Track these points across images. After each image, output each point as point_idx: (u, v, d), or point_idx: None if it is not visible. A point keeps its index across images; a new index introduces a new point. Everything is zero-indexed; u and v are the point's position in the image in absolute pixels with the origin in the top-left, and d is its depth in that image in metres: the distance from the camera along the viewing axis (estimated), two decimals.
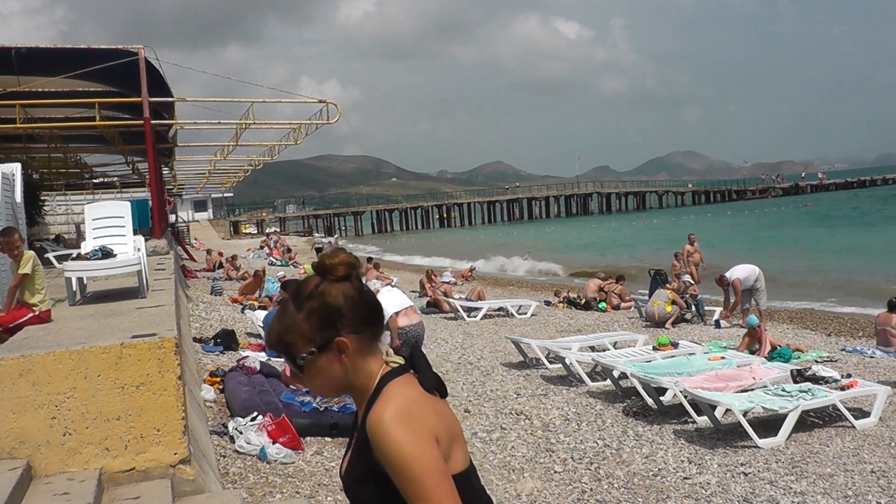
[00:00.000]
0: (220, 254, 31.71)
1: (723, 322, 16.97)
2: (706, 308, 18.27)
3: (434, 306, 20.45)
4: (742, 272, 16.85)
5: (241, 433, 7.62)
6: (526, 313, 19.47)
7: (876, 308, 16.37)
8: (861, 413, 9.40)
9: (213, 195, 79.00)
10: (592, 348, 13.54)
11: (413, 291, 24.38)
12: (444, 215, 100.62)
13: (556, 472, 7.69)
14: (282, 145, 27.18)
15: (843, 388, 9.43)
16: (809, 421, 9.20)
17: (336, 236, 74.08)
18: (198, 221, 74.12)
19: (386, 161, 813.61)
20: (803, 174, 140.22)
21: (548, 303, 21.57)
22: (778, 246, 40.03)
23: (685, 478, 7.44)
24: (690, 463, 7.86)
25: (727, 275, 17.03)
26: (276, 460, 7.25)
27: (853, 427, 8.95)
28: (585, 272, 31.45)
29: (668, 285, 18.15)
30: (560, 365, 12.39)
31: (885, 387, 9.70)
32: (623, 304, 20.49)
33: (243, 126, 21.22)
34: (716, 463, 7.83)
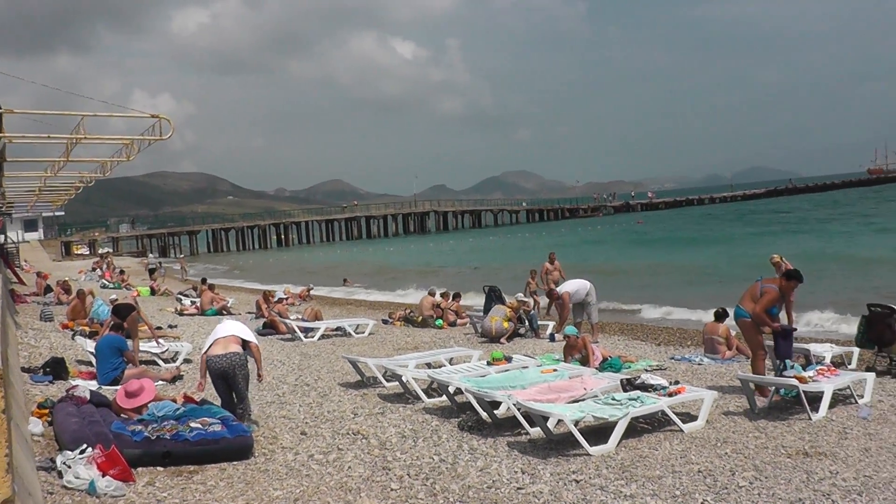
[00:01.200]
0: (45, 277, 30.25)
1: (557, 335, 17.28)
2: (539, 322, 18.60)
3: (271, 327, 20.03)
4: (572, 286, 17.19)
5: (69, 467, 7.20)
6: (363, 332, 19.34)
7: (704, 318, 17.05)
8: (689, 417, 9.71)
9: (43, 214, 75.53)
10: (429, 365, 13.51)
11: (249, 313, 23.91)
12: (282, 234, 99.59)
13: (392, 489, 7.56)
14: (114, 161, 26.29)
15: (671, 395, 9.71)
16: (639, 427, 9.41)
17: (182, 256, 72.08)
18: (28, 242, 70.59)
19: (222, 178, 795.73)
20: (634, 193, 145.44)
21: (385, 321, 21.51)
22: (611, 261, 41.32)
23: (519, 488, 7.44)
24: (524, 473, 7.87)
25: (558, 289, 17.38)
26: (105, 494, 6.89)
27: (681, 431, 9.24)
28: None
29: (508, 302, 18.40)
30: (397, 383, 12.29)
31: (712, 392, 10.09)
32: (459, 321, 20.64)
33: (74, 141, 20.39)
34: (548, 472, 7.86)
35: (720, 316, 14.95)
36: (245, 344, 9.99)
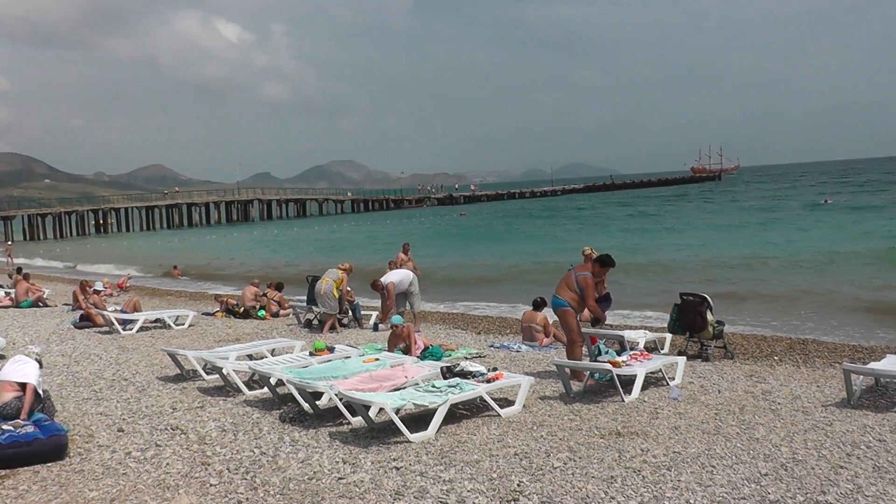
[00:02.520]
0: None
1: (381, 325, 17.33)
2: (363, 312, 18.60)
3: (88, 320, 19.19)
4: (396, 276, 17.31)
5: None
6: (184, 324, 18.81)
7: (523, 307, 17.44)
8: (507, 402, 9.94)
9: None
10: (250, 356, 13.27)
11: (66, 304, 22.91)
12: (101, 221, 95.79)
13: (212, 485, 7.37)
14: None
15: (489, 381, 9.89)
16: (459, 413, 9.56)
17: (9, 243, 67.78)
18: None
19: (38, 160, 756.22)
20: (457, 185, 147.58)
21: (207, 313, 20.99)
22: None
23: (340, 478, 7.39)
24: (345, 463, 7.83)
25: (382, 279, 17.40)
26: None
27: (499, 416, 9.44)
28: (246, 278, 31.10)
29: (340, 265, 18.24)
30: (217, 375, 12.02)
31: (529, 377, 10.34)
32: (282, 312, 20.40)
33: None
34: (369, 461, 7.86)
35: (538, 305, 15.35)
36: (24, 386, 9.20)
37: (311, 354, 12.52)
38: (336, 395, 9.31)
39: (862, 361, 12.45)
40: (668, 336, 14.24)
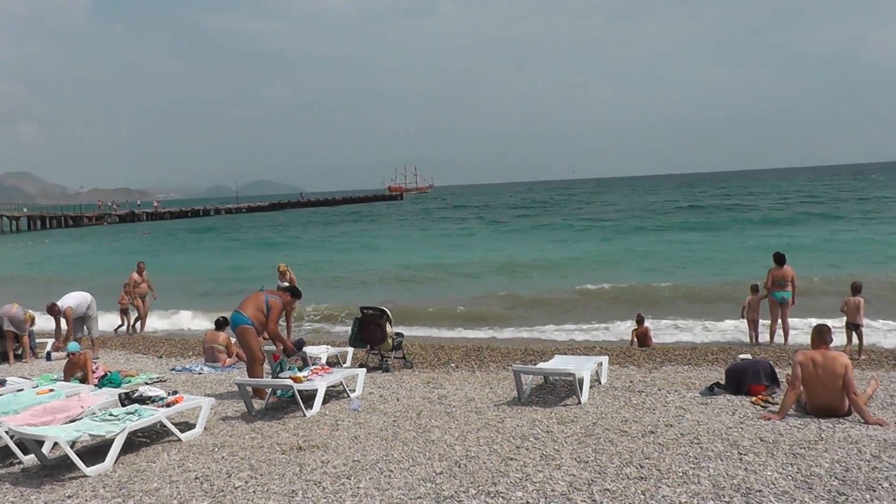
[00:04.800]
0: None
1: (54, 354, 16.47)
2: (38, 340, 17.57)
3: None
4: (74, 300, 16.52)
5: None
6: None
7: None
8: (188, 426, 9.86)
9: None
10: None
11: None
12: None
13: None
14: None
15: (168, 405, 9.76)
16: (138, 441, 9.36)
17: None
18: None
19: None
20: (139, 202, 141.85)
21: None
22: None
23: None
24: None
25: (59, 303, 16.52)
26: None
27: (179, 440, 9.34)
28: None
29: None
30: None
31: (210, 398, 10.31)
32: None
33: None
34: (42, 501, 7.51)
35: (220, 325, 15.28)
36: None
37: None
38: (6, 431, 8.82)
39: (532, 362, 13.50)
40: (350, 350, 14.71)
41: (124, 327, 21.16)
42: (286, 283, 16.90)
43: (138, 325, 21.27)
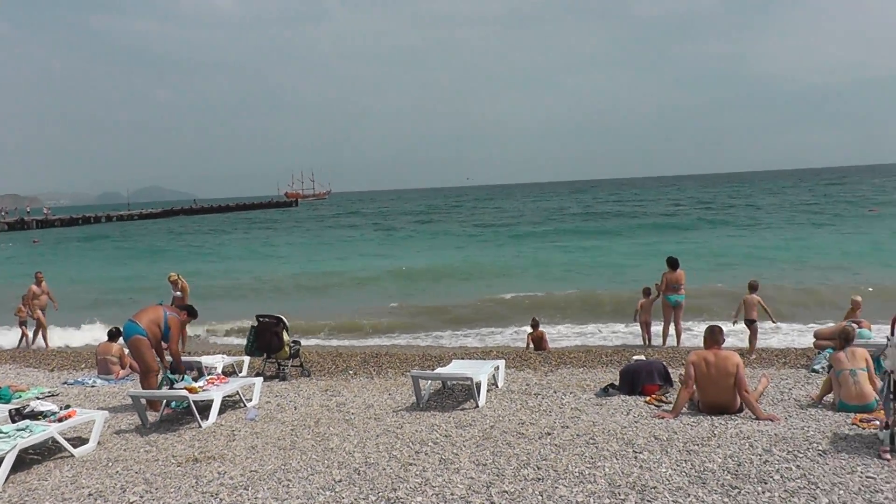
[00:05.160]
0: None
1: None
2: None
3: None
4: None
5: None
6: None
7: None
8: (82, 441, 9.62)
9: None
10: None
11: None
12: None
13: None
14: None
15: (61, 420, 9.48)
16: (29, 458, 9.07)
17: None
18: None
19: None
20: (29, 209, 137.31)
21: None
22: None
23: None
24: None
25: None
26: None
27: (73, 456, 9.10)
28: None
29: None
30: None
31: (103, 412, 10.06)
32: None
33: None
34: None
35: (113, 336, 14.94)
36: None
37: None
38: None
39: (430, 368, 13.59)
40: (247, 359, 14.55)
41: (24, 341, 20.43)
42: (179, 293, 16.66)
43: (40, 337, 20.51)
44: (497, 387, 12.03)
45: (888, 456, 7.67)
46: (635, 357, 13.05)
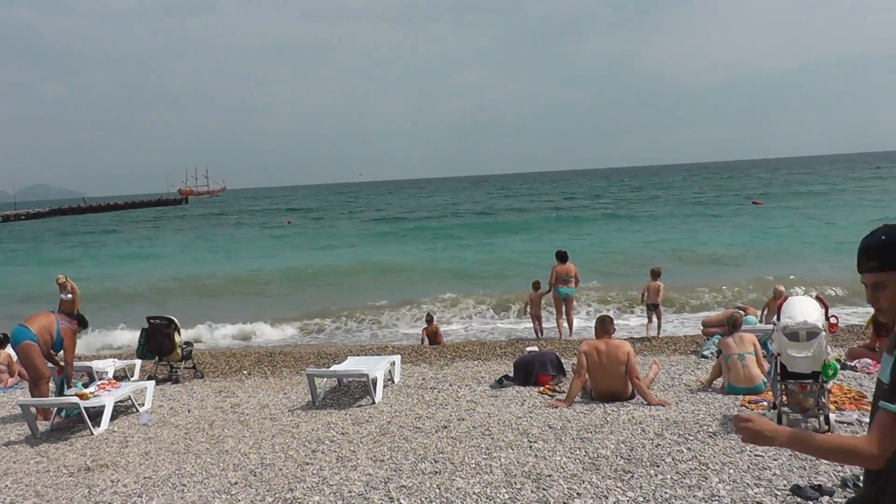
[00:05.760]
0: None
1: None
2: None
3: None
4: None
5: None
6: None
7: None
8: None
9: None
10: None
11: None
12: None
13: None
14: None
15: None
16: None
17: None
18: None
19: None
20: None
21: None
22: None
23: None
24: None
25: None
26: None
27: None
28: None
29: None
30: None
31: None
32: None
33: None
34: None
35: (1, 342, 14.45)
36: None
37: None
38: None
39: (325, 365, 13.56)
40: (138, 362, 14.28)
41: None
42: (69, 296, 16.21)
43: None
44: (393, 382, 12.10)
45: None
46: (528, 348, 13.27)
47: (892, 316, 3.00)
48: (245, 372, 14.17)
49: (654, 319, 16.31)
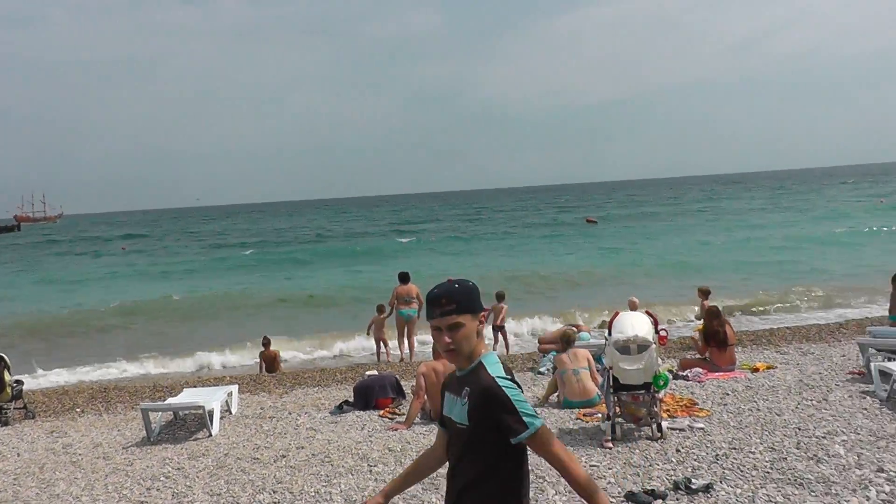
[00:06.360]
0: None
1: None
2: None
3: None
4: None
5: None
6: None
7: None
8: None
9: None
10: None
11: None
12: None
13: None
14: None
15: None
16: None
17: None
18: None
19: None
20: None
21: None
22: None
23: None
24: None
25: None
26: None
27: None
28: None
29: None
30: None
31: None
32: None
33: None
34: None
35: None
36: None
37: None
38: None
39: (161, 398, 13.15)
40: None
41: None
42: None
43: None
44: (231, 413, 11.84)
45: (610, 444, 8.39)
46: (368, 372, 13.26)
47: (465, 356, 3.34)
48: (78, 409, 13.53)
49: (501, 339, 16.71)
